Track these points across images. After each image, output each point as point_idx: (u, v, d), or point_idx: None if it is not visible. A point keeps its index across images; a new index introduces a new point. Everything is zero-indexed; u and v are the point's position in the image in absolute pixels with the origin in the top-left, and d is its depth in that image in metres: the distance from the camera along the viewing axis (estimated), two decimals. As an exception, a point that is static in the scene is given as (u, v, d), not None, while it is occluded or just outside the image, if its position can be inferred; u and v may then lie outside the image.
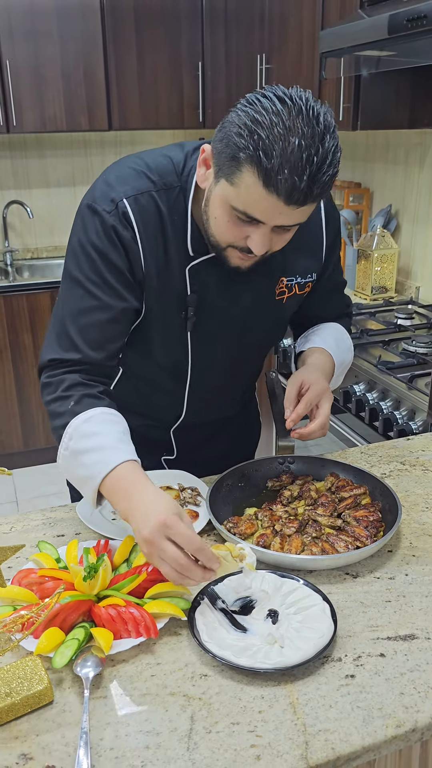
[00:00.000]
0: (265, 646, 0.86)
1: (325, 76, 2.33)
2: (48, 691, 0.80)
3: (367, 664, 0.85)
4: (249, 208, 0.95)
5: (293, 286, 1.20)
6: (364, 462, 1.37)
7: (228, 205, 0.97)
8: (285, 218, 0.96)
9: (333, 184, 0.99)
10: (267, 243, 0.99)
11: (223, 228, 1.01)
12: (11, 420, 3.38)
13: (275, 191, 0.90)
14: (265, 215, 0.95)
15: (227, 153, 0.94)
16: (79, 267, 1.08)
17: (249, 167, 0.91)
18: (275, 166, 0.88)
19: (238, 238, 1.01)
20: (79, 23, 3.13)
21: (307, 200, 0.93)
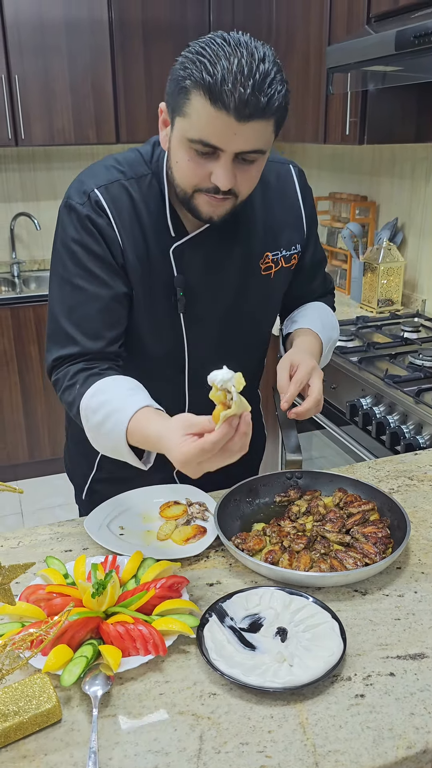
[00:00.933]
0: (274, 665, 0.85)
1: (332, 92, 2.35)
2: (56, 710, 0.79)
3: (377, 684, 0.84)
4: (203, 133, 0.96)
5: (279, 259, 1.21)
6: (371, 477, 1.37)
7: (185, 140, 0.98)
8: (240, 140, 0.96)
9: (283, 108, 0.98)
10: (230, 176, 0.99)
11: (185, 169, 1.01)
12: (17, 431, 3.38)
13: (224, 107, 0.92)
14: (220, 137, 0.95)
15: (175, 89, 0.97)
16: (63, 265, 1.11)
17: (195, 91, 0.93)
18: (218, 81, 0.91)
19: (202, 176, 1.01)
20: (88, 38, 3.16)
21: (256, 113, 0.93)
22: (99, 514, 1.21)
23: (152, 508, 1.24)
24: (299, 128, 2.81)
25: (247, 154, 0.99)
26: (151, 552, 1.10)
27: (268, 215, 1.20)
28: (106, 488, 1.37)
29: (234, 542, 1.09)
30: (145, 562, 1.04)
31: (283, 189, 1.23)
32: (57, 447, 3.46)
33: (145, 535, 1.17)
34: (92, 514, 1.21)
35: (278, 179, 1.23)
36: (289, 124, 2.89)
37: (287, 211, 1.23)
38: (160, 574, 1.01)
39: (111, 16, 3.16)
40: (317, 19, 2.57)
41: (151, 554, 1.08)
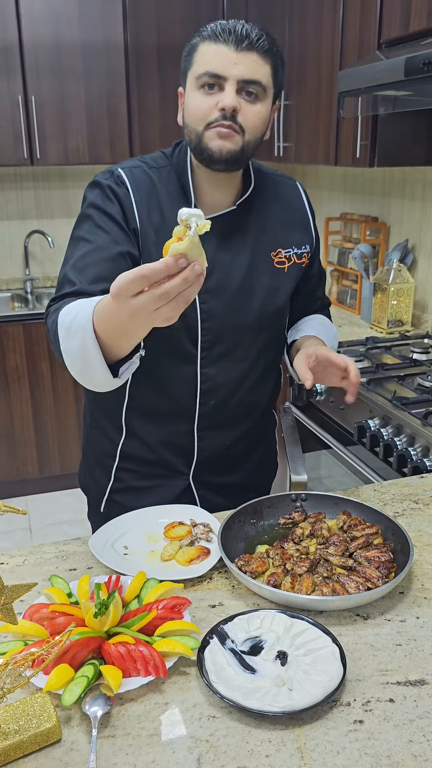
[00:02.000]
0: (273, 689, 0.86)
1: (343, 115, 2.37)
2: (56, 729, 0.80)
3: (376, 710, 0.84)
4: (208, 65, 1.13)
5: (291, 256, 1.34)
6: (377, 500, 1.37)
7: (194, 82, 1.16)
8: (240, 68, 1.12)
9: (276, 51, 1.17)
10: (234, 98, 1.13)
11: (196, 106, 1.16)
12: (27, 447, 3.41)
13: (223, 41, 1.12)
14: (222, 66, 1.12)
15: (186, 55, 1.18)
16: (79, 227, 1.23)
17: (201, 42, 1.15)
18: (218, 27, 1.13)
19: (210, 107, 1.14)
20: (104, 60, 3.22)
21: (251, 44, 1.12)
22: (104, 533, 1.22)
23: (157, 529, 1.25)
24: (311, 150, 2.85)
25: (249, 85, 1.14)
26: (155, 572, 1.10)
27: (280, 216, 1.34)
28: (124, 499, 1.41)
29: (237, 564, 1.09)
30: (148, 583, 1.05)
31: (292, 198, 1.38)
32: (66, 463, 3.48)
33: (149, 556, 1.18)
34: (97, 533, 1.22)
35: (288, 190, 1.38)
36: (302, 146, 2.92)
37: (297, 216, 1.37)
38: (162, 595, 1.01)
39: (126, 39, 3.22)
40: (329, 45, 2.61)
41: (154, 575, 1.09)
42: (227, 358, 1.31)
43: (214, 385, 1.32)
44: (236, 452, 1.44)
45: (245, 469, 1.47)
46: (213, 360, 1.30)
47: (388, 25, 2.24)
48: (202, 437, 1.38)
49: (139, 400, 1.34)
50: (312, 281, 1.45)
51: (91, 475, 1.48)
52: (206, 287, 1.24)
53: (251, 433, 1.44)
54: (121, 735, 0.81)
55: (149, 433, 1.36)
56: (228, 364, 1.32)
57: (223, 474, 1.44)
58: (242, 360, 1.33)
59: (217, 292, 1.26)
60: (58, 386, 3.38)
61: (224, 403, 1.35)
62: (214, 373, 1.31)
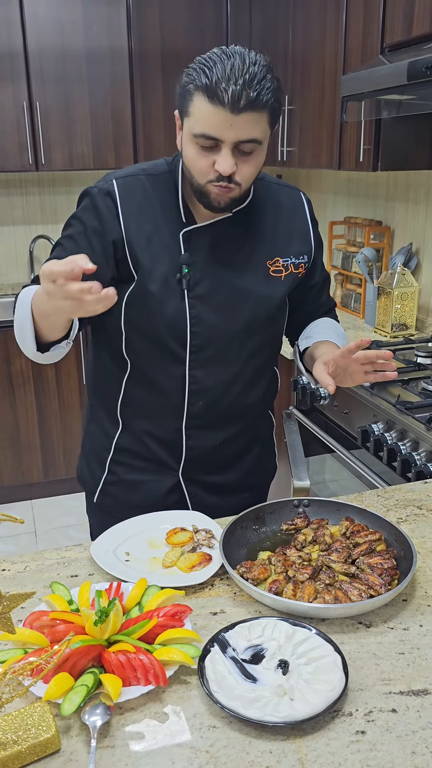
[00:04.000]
0: (274, 698, 0.85)
1: (347, 120, 2.37)
2: (55, 739, 0.79)
3: (379, 720, 0.83)
4: (204, 127, 1.12)
5: (289, 265, 1.35)
6: (380, 506, 1.36)
7: (191, 136, 1.15)
8: (236, 131, 1.11)
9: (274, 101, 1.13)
10: (230, 162, 1.14)
11: (192, 161, 1.17)
12: (32, 451, 3.41)
13: (219, 102, 1.09)
14: (218, 129, 1.11)
15: (182, 94, 1.15)
16: (63, 231, 1.31)
17: (196, 92, 1.11)
18: (214, 82, 1.08)
19: (206, 166, 1.16)
20: (108, 66, 3.23)
21: (247, 105, 1.09)
22: (105, 539, 1.22)
23: (159, 535, 1.24)
24: (315, 155, 2.84)
25: (244, 144, 1.14)
26: (156, 579, 1.10)
27: (279, 226, 1.35)
28: (117, 491, 1.45)
29: (238, 571, 1.09)
30: (149, 590, 1.04)
31: (294, 207, 1.38)
32: (71, 467, 3.48)
33: (151, 562, 1.17)
34: (99, 539, 1.22)
35: (290, 200, 1.39)
36: (305, 151, 2.92)
37: (297, 226, 1.38)
38: (163, 602, 1.01)
39: (131, 45, 3.23)
40: (332, 49, 2.61)
41: (155, 581, 1.08)
42: (216, 362, 1.33)
43: (202, 387, 1.34)
44: (227, 453, 1.45)
45: (238, 469, 1.49)
46: (201, 363, 1.32)
47: (391, 30, 2.23)
48: (190, 436, 1.40)
49: (133, 396, 1.38)
50: (315, 288, 1.47)
51: (88, 468, 1.51)
52: (196, 293, 1.28)
53: (243, 434, 1.46)
54: (121, 745, 0.81)
55: (142, 427, 1.40)
56: (217, 368, 1.34)
57: (214, 473, 1.46)
58: (231, 364, 1.35)
59: (206, 299, 1.29)
60: (63, 391, 3.39)
61: (213, 405, 1.37)
62: (203, 376, 1.33)
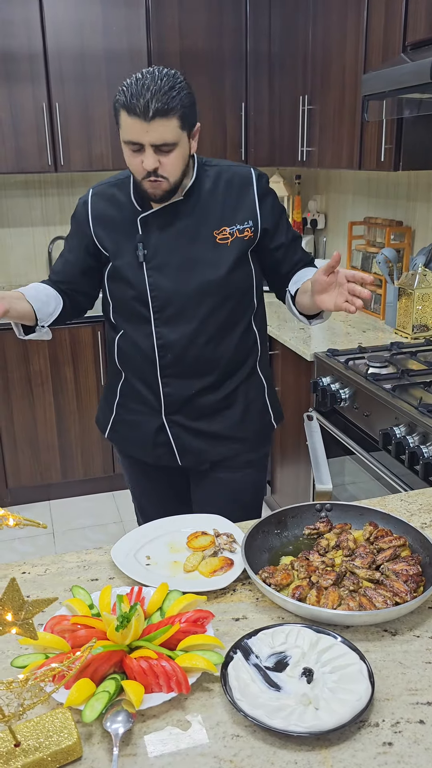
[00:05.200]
0: (299, 707, 0.83)
1: (368, 119, 2.34)
2: (77, 747, 0.78)
3: (406, 731, 0.82)
4: (127, 135, 1.38)
5: (234, 231, 1.55)
6: (403, 510, 1.34)
7: (123, 143, 1.41)
8: (151, 134, 1.36)
9: (180, 107, 1.36)
10: (153, 160, 1.39)
11: (128, 163, 1.44)
12: (50, 451, 3.42)
13: (134, 114, 1.35)
14: (137, 135, 1.37)
15: (114, 111, 1.40)
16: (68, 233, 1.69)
17: (120, 109, 1.37)
18: (128, 97, 1.34)
19: (138, 165, 1.42)
20: (127, 67, 3.22)
21: (157, 113, 1.33)
22: (126, 542, 1.21)
23: (180, 538, 1.23)
24: (335, 155, 2.82)
25: (161, 146, 1.38)
26: (178, 584, 1.09)
27: (227, 201, 1.56)
28: (120, 429, 1.74)
29: (261, 576, 1.07)
30: (171, 595, 1.03)
31: (242, 184, 1.58)
32: (89, 468, 3.48)
33: (172, 566, 1.16)
34: (119, 542, 1.21)
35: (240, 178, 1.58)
36: (325, 151, 2.90)
37: (243, 199, 1.57)
38: (185, 607, 1.00)
39: (150, 46, 3.23)
40: (353, 48, 2.58)
41: (177, 586, 1.07)
42: (177, 320, 1.57)
43: (167, 342, 1.58)
44: (206, 402, 1.63)
45: (221, 420, 1.66)
46: (164, 321, 1.57)
47: (414, 27, 2.20)
48: (167, 384, 1.62)
49: (123, 351, 1.66)
50: (282, 248, 1.63)
51: (102, 412, 1.81)
52: (152, 264, 1.54)
53: (221, 386, 1.64)
54: (142, 753, 0.80)
55: (134, 376, 1.67)
56: (179, 325, 1.57)
57: (196, 420, 1.64)
58: (191, 320, 1.56)
59: (161, 268, 1.54)
60: (82, 391, 3.39)
61: (181, 356, 1.59)
62: (167, 332, 1.58)
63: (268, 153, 3.48)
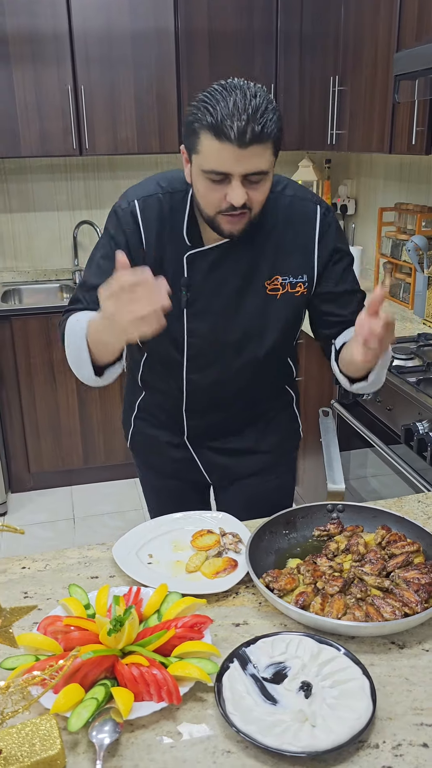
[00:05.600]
0: (295, 724, 0.79)
1: (399, 100, 2.25)
2: (60, 757, 0.76)
3: (408, 755, 0.77)
4: (213, 164, 1.14)
5: (286, 284, 1.35)
6: (420, 512, 1.28)
7: (200, 172, 1.17)
8: (244, 164, 1.13)
9: (276, 131, 1.15)
10: (242, 194, 1.16)
11: (204, 195, 1.20)
12: (72, 437, 3.42)
13: (226, 138, 1.11)
14: (227, 164, 1.13)
15: (188, 132, 1.17)
16: (96, 249, 1.36)
17: (203, 131, 1.13)
18: (218, 119, 1.10)
19: (218, 199, 1.18)
20: (154, 48, 3.16)
21: (253, 139, 1.11)
22: (129, 539, 1.18)
23: (184, 537, 1.19)
24: (365, 138, 2.72)
25: (252, 176, 1.16)
26: (178, 584, 1.05)
27: (284, 240, 1.33)
28: (140, 440, 1.61)
29: (264, 580, 1.03)
30: (170, 597, 0.99)
31: (303, 221, 1.34)
32: (111, 454, 3.47)
33: (174, 566, 1.12)
34: (122, 539, 1.18)
35: (301, 214, 1.34)
36: (355, 134, 2.80)
37: (300, 242, 1.34)
38: (183, 611, 0.96)
39: (177, 26, 3.15)
40: (386, 26, 2.48)
41: (177, 587, 1.03)
42: (210, 368, 1.41)
43: (198, 387, 1.44)
44: (232, 423, 1.51)
45: (248, 435, 1.53)
46: (197, 368, 1.41)
47: (450, 3, 2.10)
48: (191, 417, 1.49)
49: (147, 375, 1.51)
50: (327, 304, 1.39)
51: (125, 416, 1.67)
52: (193, 310, 1.34)
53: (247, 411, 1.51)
54: (129, 766, 0.76)
55: (154, 399, 1.54)
56: (211, 373, 1.41)
57: (220, 440, 1.52)
58: (225, 370, 1.41)
59: (202, 314, 1.35)
60: (104, 378, 3.37)
61: (210, 400, 1.46)
62: (198, 378, 1.42)
63: (297, 136, 3.39)
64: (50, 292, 3.68)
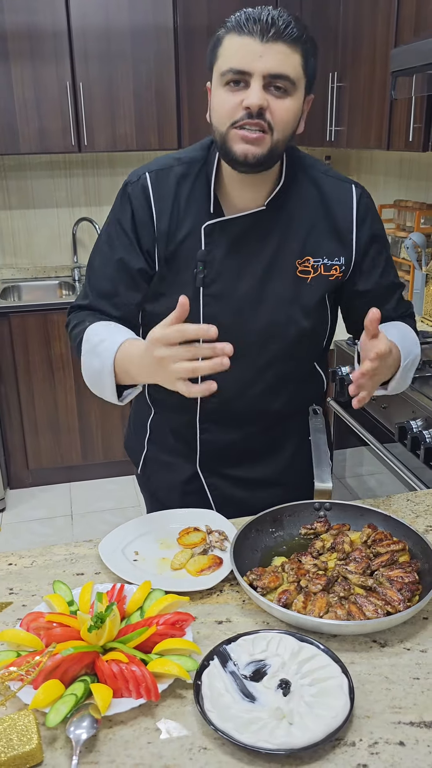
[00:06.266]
0: (272, 721, 0.79)
1: (395, 96, 2.24)
2: (37, 752, 0.76)
3: (384, 753, 0.77)
4: (232, 61, 1.05)
5: (318, 266, 1.24)
6: (409, 511, 1.28)
7: (219, 78, 1.08)
8: (266, 61, 1.03)
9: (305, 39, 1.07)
10: (260, 95, 1.04)
11: (219, 105, 1.08)
12: (71, 434, 3.42)
13: (248, 32, 1.03)
14: (247, 60, 1.03)
15: (212, 48, 1.10)
16: (103, 232, 1.28)
17: (226, 33, 1.06)
18: (243, 18, 1.04)
19: (234, 106, 1.06)
20: (153, 44, 3.16)
21: (277, 34, 1.03)
22: (116, 536, 1.18)
23: (171, 534, 1.20)
24: (364, 134, 2.71)
25: (276, 80, 1.05)
26: (163, 582, 1.05)
27: (318, 222, 1.23)
28: (153, 465, 1.47)
29: (248, 578, 1.03)
30: (153, 594, 0.99)
31: (339, 203, 1.24)
32: (109, 451, 3.48)
33: (160, 563, 1.13)
34: (109, 535, 1.18)
35: (338, 194, 1.25)
36: (354, 130, 2.79)
37: (338, 224, 1.24)
38: (165, 608, 0.96)
39: (176, 21, 3.15)
40: (384, 21, 2.47)
41: (162, 584, 1.04)
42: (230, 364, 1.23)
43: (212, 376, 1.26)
44: (250, 449, 1.38)
45: (268, 464, 1.40)
46: None
47: (447, -1, 2.09)
48: (204, 430, 1.36)
49: (154, 387, 1.38)
50: (365, 298, 1.28)
51: (134, 440, 1.53)
52: (211, 291, 1.21)
53: (267, 433, 1.38)
54: (105, 762, 0.77)
55: (165, 416, 1.42)
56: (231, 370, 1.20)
57: (236, 467, 1.39)
58: (247, 367, 1.26)
59: (221, 297, 1.22)
60: (102, 375, 3.38)
61: (228, 405, 1.31)
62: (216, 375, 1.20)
63: (296, 133, 3.38)
64: (49, 289, 3.69)
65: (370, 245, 1.26)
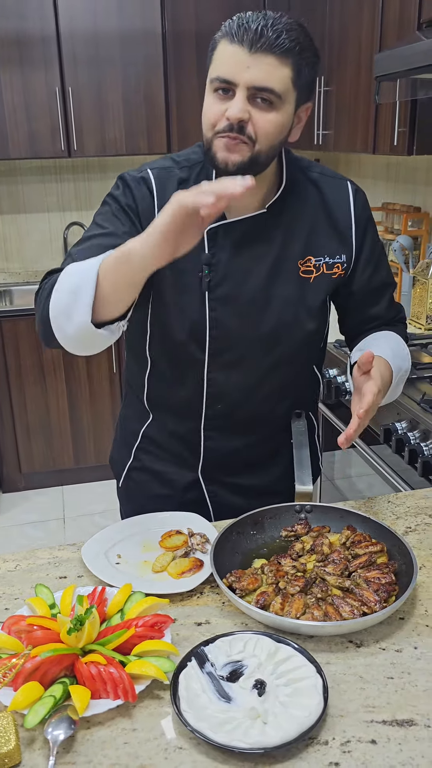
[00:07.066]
0: (246, 721, 0.81)
1: (379, 101, 2.26)
2: (15, 753, 0.77)
3: (356, 751, 0.78)
4: (220, 69, 1.05)
5: (321, 265, 1.24)
6: (389, 513, 1.30)
7: (209, 85, 1.08)
8: (252, 72, 1.03)
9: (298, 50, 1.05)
10: (241, 107, 1.04)
11: (207, 109, 1.09)
12: (63, 437, 3.44)
13: (238, 41, 1.03)
14: (233, 70, 1.03)
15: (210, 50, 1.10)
16: (98, 213, 1.21)
17: (221, 39, 1.06)
18: (236, 25, 1.04)
19: (218, 114, 1.07)
20: (141, 49, 3.18)
21: (266, 45, 1.02)
22: (99, 540, 1.20)
23: (153, 537, 1.21)
24: (350, 138, 2.74)
25: (261, 92, 1.04)
26: (144, 584, 1.07)
27: (318, 220, 1.24)
28: (140, 478, 1.44)
29: (227, 580, 1.05)
30: (133, 597, 1.01)
31: (337, 201, 1.26)
32: (101, 454, 3.49)
33: (142, 566, 1.14)
34: (92, 539, 1.19)
35: (334, 192, 1.26)
36: (341, 134, 2.82)
37: (338, 223, 1.25)
38: (145, 610, 0.97)
39: (164, 27, 3.17)
40: (369, 27, 2.49)
41: (143, 587, 1.05)
42: (237, 367, 1.27)
43: (221, 391, 1.29)
44: (252, 456, 1.39)
45: (268, 473, 1.41)
46: (221, 367, 1.27)
47: (430, 3, 2.11)
48: (209, 437, 1.35)
49: (155, 392, 1.36)
50: (357, 297, 1.31)
51: (118, 452, 1.50)
52: (216, 295, 1.21)
53: (271, 440, 1.39)
54: (83, 762, 0.78)
55: (166, 422, 1.38)
56: (238, 373, 1.27)
57: (237, 475, 1.40)
58: (255, 370, 1.27)
59: (228, 301, 1.21)
60: (94, 379, 3.39)
61: (234, 409, 1.32)
62: (222, 380, 1.27)
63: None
64: (41, 293, 3.70)
65: (364, 242, 1.27)
